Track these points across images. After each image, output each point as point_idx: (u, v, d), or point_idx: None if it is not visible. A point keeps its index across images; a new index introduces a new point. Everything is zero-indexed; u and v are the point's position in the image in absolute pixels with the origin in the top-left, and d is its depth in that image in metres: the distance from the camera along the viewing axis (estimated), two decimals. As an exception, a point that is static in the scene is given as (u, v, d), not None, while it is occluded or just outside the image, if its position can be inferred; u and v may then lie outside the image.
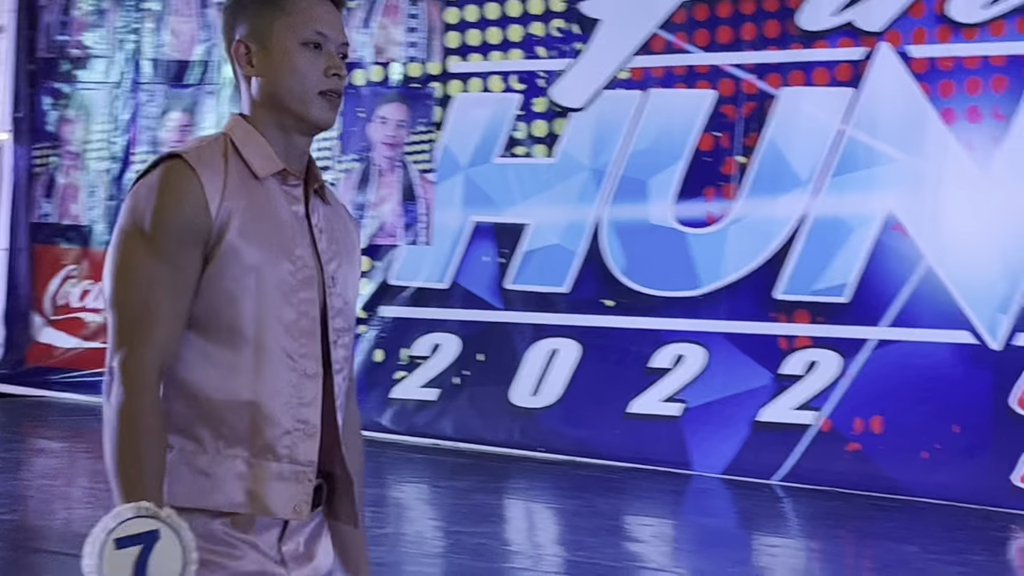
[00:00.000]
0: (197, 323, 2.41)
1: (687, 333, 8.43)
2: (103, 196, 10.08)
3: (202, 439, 2.39)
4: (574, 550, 6.56)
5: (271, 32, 2.40)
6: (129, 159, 10.01)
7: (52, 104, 10.34)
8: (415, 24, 9.04)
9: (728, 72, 8.42)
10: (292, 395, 2.42)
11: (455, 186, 9.08)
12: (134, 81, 10.06)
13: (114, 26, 10.09)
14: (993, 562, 6.70)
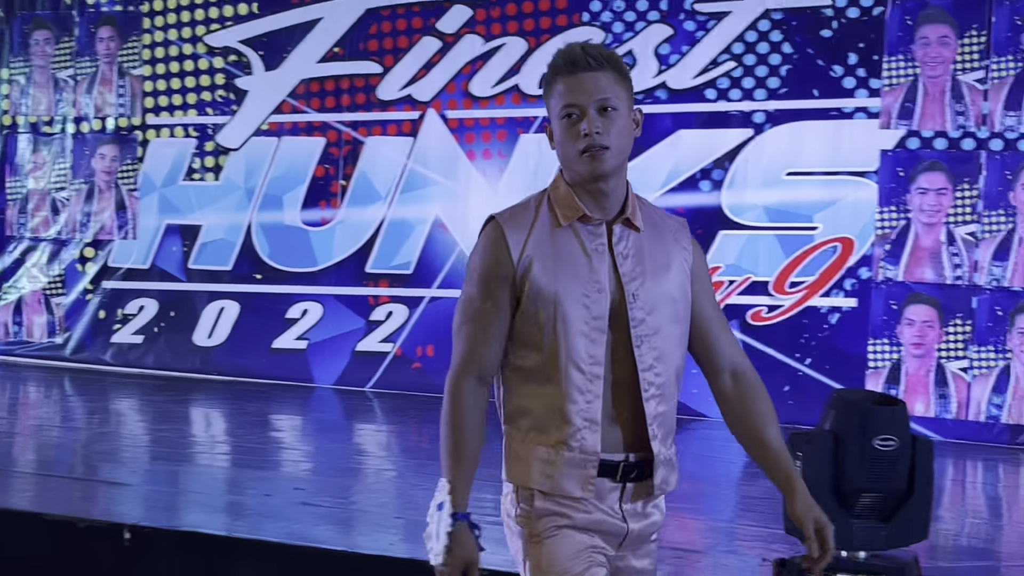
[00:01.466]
0: (518, 344, 2.41)
1: (310, 295, 8.82)
2: None
3: (521, 429, 2.42)
4: (233, 440, 6.97)
5: (550, 115, 2.40)
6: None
7: None
8: (123, 91, 9.35)
9: (333, 126, 8.81)
10: (582, 399, 2.39)
11: (152, 200, 9.27)
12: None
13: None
14: (498, 433, 8.01)
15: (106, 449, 6.05)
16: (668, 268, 2.46)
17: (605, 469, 2.41)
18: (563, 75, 2.38)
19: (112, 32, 9.46)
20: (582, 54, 2.39)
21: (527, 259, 2.38)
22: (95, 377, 9.11)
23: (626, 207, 2.44)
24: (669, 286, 2.46)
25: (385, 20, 8.74)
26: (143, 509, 4.60)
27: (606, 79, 2.38)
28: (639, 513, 2.45)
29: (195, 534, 3.94)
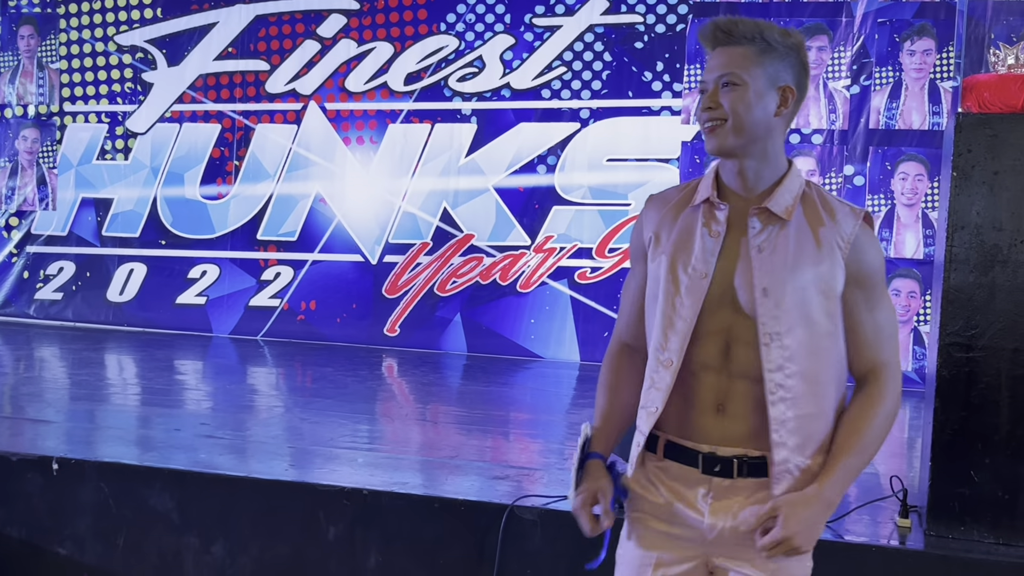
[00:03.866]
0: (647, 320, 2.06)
1: (209, 259, 8.60)
2: None
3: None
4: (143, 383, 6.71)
5: None
6: None
7: None
8: (42, 83, 8.96)
9: (228, 114, 8.57)
10: (650, 381, 2.02)
11: (70, 176, 8.93)
12: None
13: None
14: (372, 374, 7.12)
15: (31, 391, 5.88)
16: (815, 263, 1.93)
17: (674, 452, 2.01)
18: (706, 52, 2.00)
19: (32, 31, 9.04)
20: (712, 29, 1.97)
21: (652, 237, 2.04)
22: (21, 329, 8.75)
23: (773, 193, 1.95)
24: (808, 282, 1.93)
25: (272, 25, 8.56)
26: (66, 443, 4.44)
27: (736, 53, 1.93)
28: (731, 512, 1.97)
29: (116, 464, 3.80)
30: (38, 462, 3.80)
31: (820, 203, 1.97)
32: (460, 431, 5.20)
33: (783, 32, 1.95)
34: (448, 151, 8.19)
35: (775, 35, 1.94)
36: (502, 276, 8.05)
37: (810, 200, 1.97)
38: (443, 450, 4.57)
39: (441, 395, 6.67)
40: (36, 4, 9.06)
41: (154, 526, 3.73)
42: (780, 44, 1.94)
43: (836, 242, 1.93)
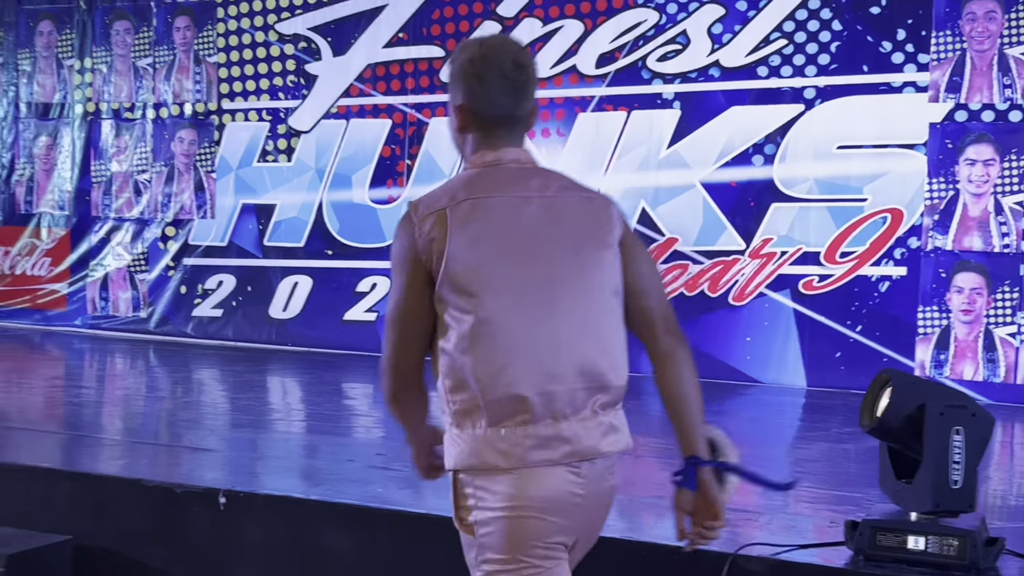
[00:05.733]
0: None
1: (379, 270, 8.72)
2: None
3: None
4: (310, 406, 6.96)
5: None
6: (13, 168, 10.17)
7: None
8: (199, 78, 9.40)
9: (399, 108, 8.78)
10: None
11: (229, 181, 9.33)
12: (15, 116, 10.16)
13: (0, 82, 10.23)
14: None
15: (190, 417, 6.09)
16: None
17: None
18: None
19: (188, 22, 9.49)
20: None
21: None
22: (178, 349, 9.20)
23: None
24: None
25: (447, 5, 8.70)
26: (229, 474, 4.62)
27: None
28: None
29: (287, 498, 3.94)
30: (204, 494, 3.97)
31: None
32: (664, 466, 5.12)
33: (456, 53, 2.46)
34: (647, 142, 8.19)
35: (450, 58, 2.47)
36: (711, 286, 8.00)
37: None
38: (645, 488, 4.54)
39: (640, 424, 6.53)
40: (193, -7, 9.55)
41: (328, 567, 3.82)
42: (449, 66, 2.46)
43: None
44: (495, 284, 2.31)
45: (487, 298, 2.29)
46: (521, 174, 2.42)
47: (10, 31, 10.16)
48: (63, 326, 9.94)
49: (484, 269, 2.31)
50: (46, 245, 10.04)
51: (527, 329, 2.30)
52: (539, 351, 2.30)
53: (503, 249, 2.34)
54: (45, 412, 6.24)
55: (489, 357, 2.28)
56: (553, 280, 2.35)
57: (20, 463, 4.41)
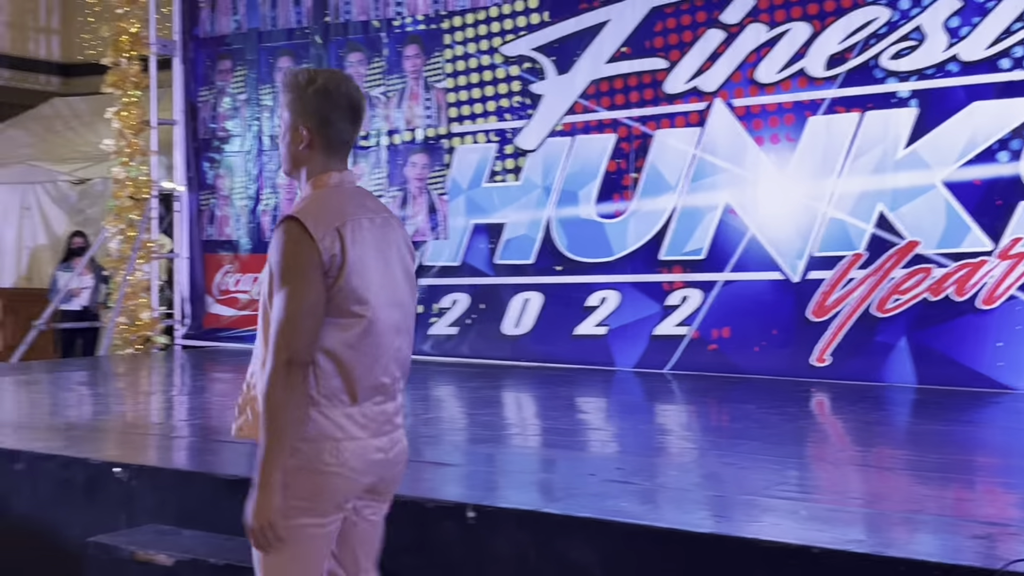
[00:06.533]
0: None
1: (608, 284, 8.83)
2: (244, 222, 10.64)
3: None
4: (546, 420, 7.03)
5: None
6: (259, 198, 10.63)
7: (209, 167, 10.87)
8: (429, 104, 9.67)
9: (623, 122, 8.81)
10: None
11: (460, 202, 9.54)
12: (259, 149, 10.63)
13: (244, 116, 10.69)
14: (800, 411, 7.12)
15: (430, 433, 6.20)
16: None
17: None
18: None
19: (417, 50, 9.77)
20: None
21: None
22: (417, 366, 9.29)
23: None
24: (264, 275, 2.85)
25: (670, 17, 8.68)
26: (469, 488, 4.70)
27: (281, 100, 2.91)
28: None
29: (534, 513, 3.98)
30: (454, 509, 4.05)
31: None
32: (915, 479, 4.96)
33: (302, 78, 2.84)
34: (883, 143, 7.97)
35: (291, 81, 2.85)
36: (957, 290, 7.70)
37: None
38: (897, 502, 4.41)
39: (887, 436, 6.42)
40: (420, 21, 9.81)
41: (574, 582, 3.84)
42: (291, 88, 2.83)
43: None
44: (376, 294, 2.79)
45: (373, 306, 2.77)
46: (358, 194, 2.90)
47: (252, 68, 10.67)
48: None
49: (369, 280, 2.79)
50: (292, 270, 10.45)
51: (391, 330, 2.82)
52: (393, 350, 2.84)
53: (373, 263, 2.81)
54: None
55: (369, 352, 2.78)
56: (402, 289, 2.88)
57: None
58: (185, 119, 11.00)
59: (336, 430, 2.75)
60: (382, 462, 2.85)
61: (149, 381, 9.04)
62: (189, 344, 10.85)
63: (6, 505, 5.09)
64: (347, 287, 2.73)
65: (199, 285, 10.94)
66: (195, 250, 10.98)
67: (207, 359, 10.25)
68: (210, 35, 10.91)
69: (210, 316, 10.91)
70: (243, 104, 10.70)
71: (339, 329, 2.74)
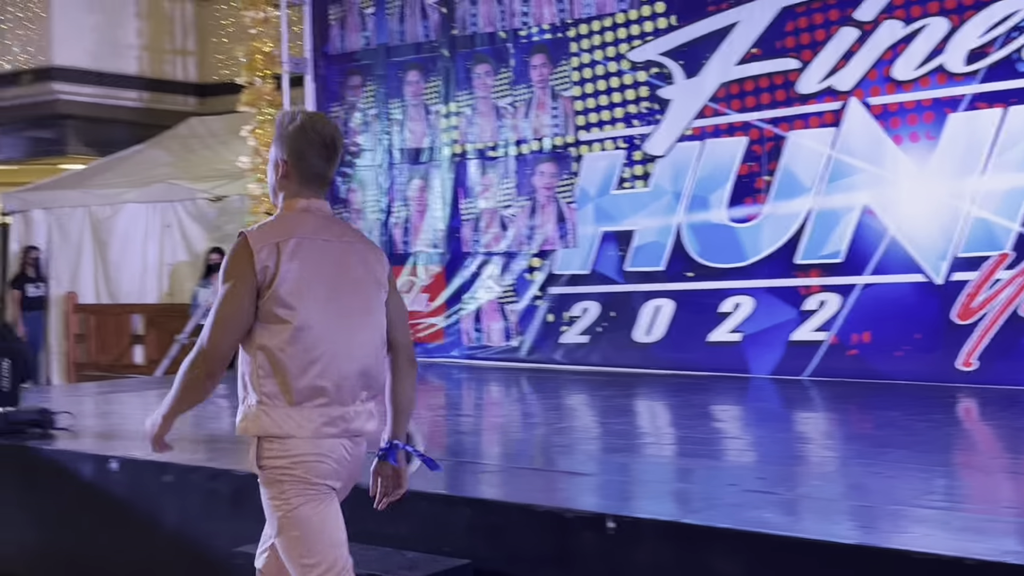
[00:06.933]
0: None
1: (742, 290, 8.73)
2: (376, 235, 10.71)
3: None
4: (680, 429, 6.97)
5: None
6: (390, 211, 10.78)
7: (341, 181, 10.98)
8: (556, 113, 9.70)
9: (755, 124, 8.70)
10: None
11: (589, 210, 9.53)
12: (389, 163, 10.78)
13: (375, 131, 10.84)
14: (947, 417, 6.99)
15: (563, 442, 6.20)
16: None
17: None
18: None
19: (544, 59, 9.80)
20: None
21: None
22: (548, 375, 9.46)
23: None
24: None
25: (801, 16, 8.54)
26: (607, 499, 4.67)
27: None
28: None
29: (675, 524, 3.94)
30: (592, 520, 4.04)
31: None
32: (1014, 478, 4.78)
33: (286, 119, 3.26)
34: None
35: (278, 121, 3.29)
36: (1116, 289, 7.35)
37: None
38: (984, 504, 4.38)
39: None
40: (546, 30, 9.85)
41: (718, 594, 3.79)
42: (276, 127, 3.27)
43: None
44: (309, 303, 3.11)
45: (303, 312, 3.10)
46: (325, 222, 3.24)
47: (381, 83, 10.85)
48: (442, 358, 10.46)
49: (302, 291, 3.11)
50: (423, 282, 10.63)
51: (330, 339, 3.13)
52: (336, 356, 3.14)
53: (316, 278, 3.14)
54: (432, 440, 6.55)
55: (301, 355, 3.10)
56: (349, 306, 3.19)
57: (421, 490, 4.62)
58: (315, 136, 11.18)
59: (275, 427, 3.10)
60: (344, 461, 3.18)
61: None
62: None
63: (157, 516, 5.24)
64: (276, 294, 3.09)
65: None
66: (328, 264, 11.13)
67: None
68: (340, 52, 11.10)
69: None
70: (373, 119, 10.87)
71: (269, 332, 3.10)
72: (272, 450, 3.11)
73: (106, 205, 13.71)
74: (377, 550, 4.39)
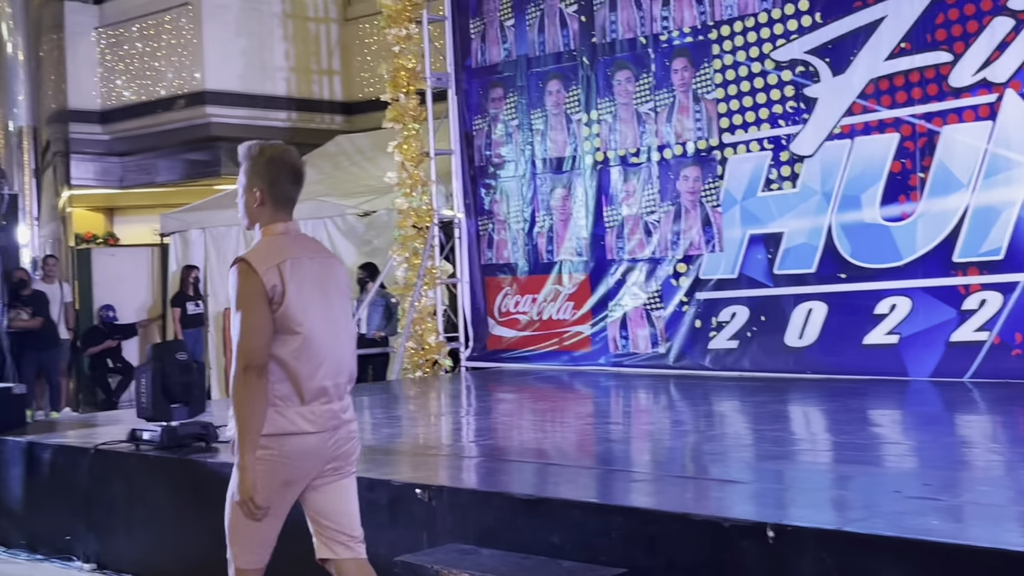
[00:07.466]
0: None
1: (897, 290, 8.52)
2: (521, 244, 10.92)
3: None
4: (837, 435, 6.80)
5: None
6: (534, 221, 10.86)
7: (485, 193, 11.20)
8: (699, 116, 9.63)
9: (906, 120, 8.49)
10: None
11: (735, 213, 9.43)
12: (532, 173, 10.86)
13: (517, 142, 10.95)
14: None
15: (715, 450, 6.14)
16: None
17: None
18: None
19: (685, 63, 9.73)
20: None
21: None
22: (696, 382, 9.38)
23: None
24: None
25: (952, 7, 8.30)
26: (764, 506, 4.60)
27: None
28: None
29: (838, 532, 3.85)
30: (751, 528, 3.98)
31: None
32: None
33: (255, 151, 3.78)
34: None
35: (246, 153, 3.79)
36: None
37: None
38: None
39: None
40: (687, 34, 9.78)
41: (884, 604, 3.69)
42: (246, 159, 3.78)
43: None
44: (312, 315, 3.67)
45: (308, 324, 3.66)
46: (300, 240, 3.81)
47: (523, 94, 10.92)
48: (588, 365, 10.47)
49: (305, 305, 3.66)
50: (568, 290, 10.66)
51: (328, 346, 3.71)
52: (333, 360, 3.73)
53: (311, 293, 3.69)
54: (582, 448, 6.56)
55: (309, 361, 3.66)
56: (335, 315, 3.77)
57: (573, 499, 4.64)
58: (461, 148, 11.36)
59: (290, 425, 3.63)
60: (333, 449, 3.75)
61: (439, 403, 9.34)
62: (474, 366, 11.14)
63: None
64: (287, 311, 3.60)
65: (481, 308, 11.23)
66: (475, 274, 11.29)
67: (491, 380, 10.46)
68: (481, 65, 11.23)
69: (492, 338, 11.17)
70: (515, 130, 10.94)
71: (284, 343, 3.61)
72: (271, 447, 3.63)
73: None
74: (532, 559, 4.40)
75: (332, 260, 3.89)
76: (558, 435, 7.26)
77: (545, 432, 7.44)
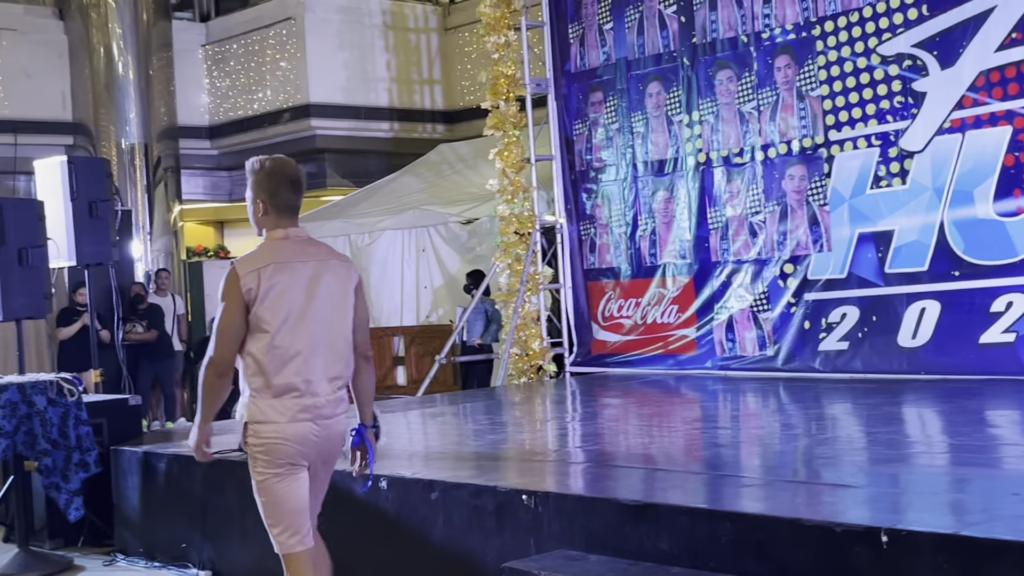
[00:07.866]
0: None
1: (1014, 287, 8.32)
2: (623, 248, 10.89)
3: None
4: (953, 437, 6.65)
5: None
6: (636, 224, 10.80)
7: (587, 198, 11.21)
8: (803, 114, 9.51)
9: (1019, 112, 8.31)
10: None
11: (843, 212, 9.28)
12: (633, 176, 10.84)
13: (618, 145, 10.93)
14: None
15: (826, 453, 6.03)
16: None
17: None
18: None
19: (788, 60, 9.61)
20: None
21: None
22: (807, 384, 9.22)
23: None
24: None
25: (1065, -6, 7.97)
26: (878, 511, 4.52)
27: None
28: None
29: (955, 537, 3.74)
30: (864, 533, 3.90)
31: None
32: None
33: (256, 165, 4.18)
34: None
35: (250, 168, 4.18)
36: None
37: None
38: None
39: None
40: (790, 31, 9.67)
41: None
42: (250, 173, 4.17)
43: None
44: (282, 317, 4.02)
45: (275, 325, 4.02)
46: (302, 245, 4.13)
47: (623, 97, 10.89)
48: (695, 369, 10.38)
49: (277, 308, 4.02)
50: (672, 293, 10.58)
51: (300, 344, 4.05)
52: (306, 357, 4.07)
53: (292, 296, 4.04)
54: (689, 453, 6.50)
55: (276, 359, 4.05)
56: (319, 315, 4.08)
57: (681, 504, 4.60)
58: (562, 153, 11.36)
59: (260, 415, 4.04)
60: (315, 441, 4.09)
61: (544, 409, 9.33)
62: (578, 371, 11.12)
63: (426, 533, 5.40)
64: (258, 311, 3.99)
65: (584, 313, 11.21)
66: (578, 279, 11.27)
67: (596, 385, 10.44)
68: (581, 69, 11.21)
69: (597, 343, 11.13)
70: (616, 133, 10.92)
71: (256, 340, 4.02)
72: (253, 434, 4.06)
73: (364, 233, 14.32)
74: (640, 565, 4.38)
75: (332, 263, 4.18)
76: (665, 440, 7.20)
77: (652, 437, 7.38)
